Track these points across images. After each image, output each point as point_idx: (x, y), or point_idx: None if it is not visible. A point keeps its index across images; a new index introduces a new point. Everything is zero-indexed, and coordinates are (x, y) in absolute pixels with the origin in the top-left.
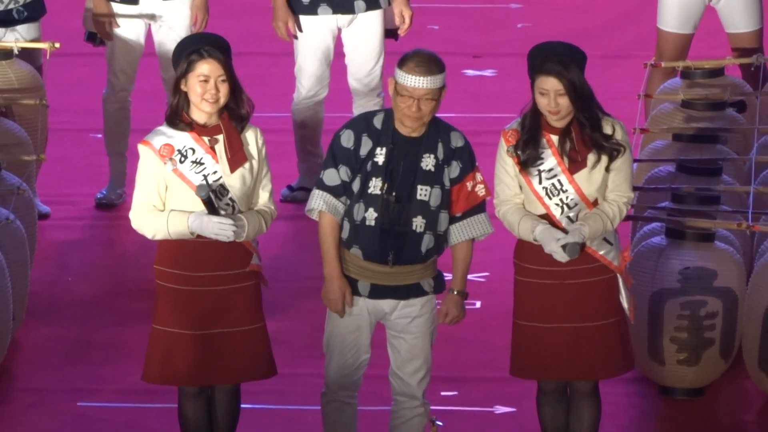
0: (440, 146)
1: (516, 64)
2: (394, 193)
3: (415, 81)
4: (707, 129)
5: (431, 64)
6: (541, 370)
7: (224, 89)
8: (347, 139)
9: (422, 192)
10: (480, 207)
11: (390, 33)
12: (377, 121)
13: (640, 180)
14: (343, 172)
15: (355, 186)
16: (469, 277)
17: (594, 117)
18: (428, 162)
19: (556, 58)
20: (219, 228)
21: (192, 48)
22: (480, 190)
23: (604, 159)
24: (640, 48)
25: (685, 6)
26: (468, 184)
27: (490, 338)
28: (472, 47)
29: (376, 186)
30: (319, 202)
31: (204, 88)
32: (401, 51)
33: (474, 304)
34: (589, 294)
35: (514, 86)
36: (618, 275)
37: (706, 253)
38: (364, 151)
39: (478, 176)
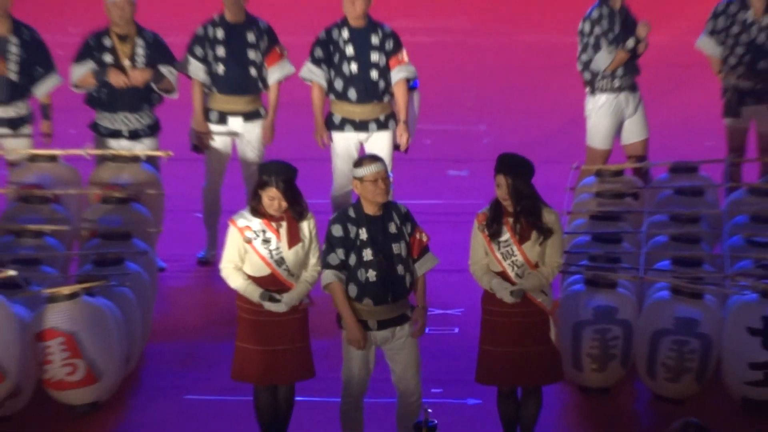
0: (394, 215)
1: (484, 167)
2: (381, 256)
3: (374, 167)
4: (612, 212)
5: (375, 157)
6: (498, 379)
7: (284, 205)
8: (338, 230)
9: (396, 248)
10: (426, 248)
11: (398, 146)
12: (351, 213)
13: (566, 246)
14: (340, 253)
15: (352, 259)
16: (449, 311)
17: (533, 209)
18: (392, 227)
19: (510, 163)
20: (276, 309)
21: (268, 173)
22: (423, 237)
23: (541, 237)
24: (568, 154)
25: (610, 130)
26: (417, 235)
27: (464, 353)
28: (454, 155)
29: (367, 254)
30: (331, 277)
31: (270, 203)
32: (407, 158)
33: (453, 330)
34: (530, 328)
35: (483, 182)
36: (549, 316)
37: (611, 296)
38: (352, 235)
39: (420, 228)
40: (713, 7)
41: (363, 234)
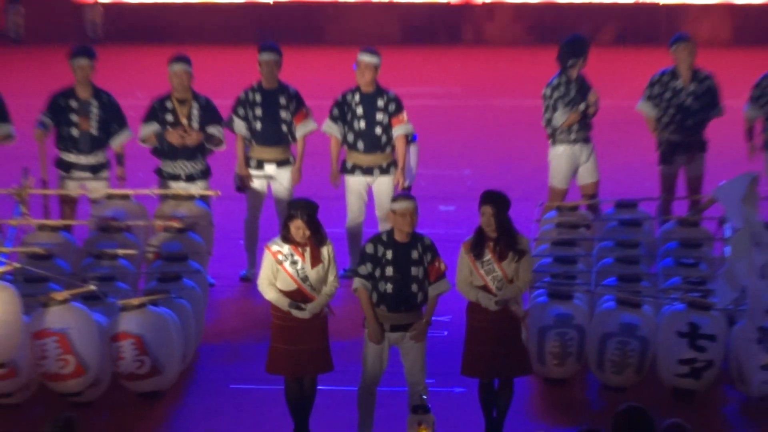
0: (419, 245)
1: (468, 204)
2: (399, 274)
3: (405, 204)
4: (569, 239)
5: (408, 196)
6: (480, 373)
7: (307, 233)
8: (370, 248)
9: (414, 271)
10: (443, 275)
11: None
12: (384, 237)
13: (533, 266)
14: (368, 267)
15: (377, 273)
16: (440, 318)
17: (510, 234)
18: (415, 254)
19: (492, 196)
20: (301, 315)
21: (295, 208)
22: (442, 266)
23: (516, 256)
24: (535, 194)
25: (567, 174)
26: (436, 263)
27: (452, 351)
28: (444, 194)
29: (389, 271)
30: (358, 283)
31: (297, 231)
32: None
33: (443, 333)
34: (505, 331)
35: (467, 216)
36: (521, 322)
37: (568, 306)
38: (380, 254)
39: (440, 258)
40: (650, 77)
41: (389, 255)
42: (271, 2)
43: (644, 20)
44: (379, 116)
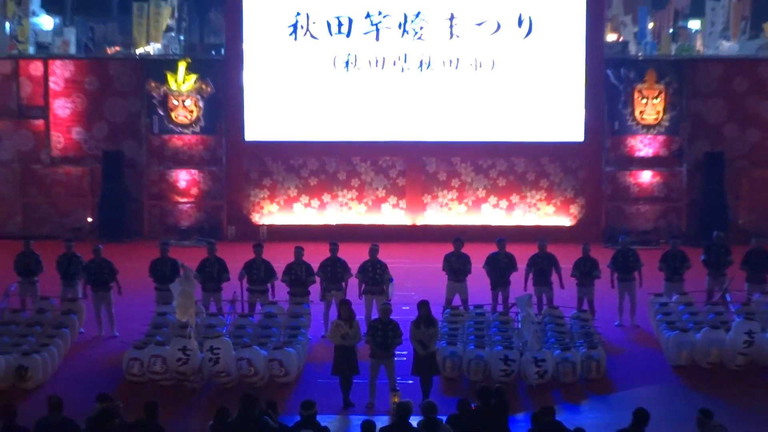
0: (391, 323)
1: (413, 308)
2: (383, 335)
3: (385, 307)
4: (455, 320)
5: (387, 305)
6: (419, 373)
7: (348, 311)
8: (371, 325)
9: (390, 334)
10: (400, 335)
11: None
12: (377, 320)
13: (440, 332)
14: (371, 333)
15: (374, 335)
16: (402, 352)
17: (430, 318)
18: (390, 327)
19: (424, 304)
20: (346, 344)
21: (343, 302)
22: (399, 332)
23: (432, 328)
24: (441, 300)
25: (451, 293)
26: (398, 331)
27: (407, 366)
28: (404, 303)
29: (378, 333)
30: (367, 338)
31: (344, 312)
32: (393, 303)
33: (404, 358)
34: (429, 357)
35: (413, 313)
36: (435, 354)
37: (456, 349)
38: (376, 327)
39: (399, 329)
40: (487, 256)
41: (379, 327)
42: (334, 224)
43: (484, 231)
44: (378, 271)
